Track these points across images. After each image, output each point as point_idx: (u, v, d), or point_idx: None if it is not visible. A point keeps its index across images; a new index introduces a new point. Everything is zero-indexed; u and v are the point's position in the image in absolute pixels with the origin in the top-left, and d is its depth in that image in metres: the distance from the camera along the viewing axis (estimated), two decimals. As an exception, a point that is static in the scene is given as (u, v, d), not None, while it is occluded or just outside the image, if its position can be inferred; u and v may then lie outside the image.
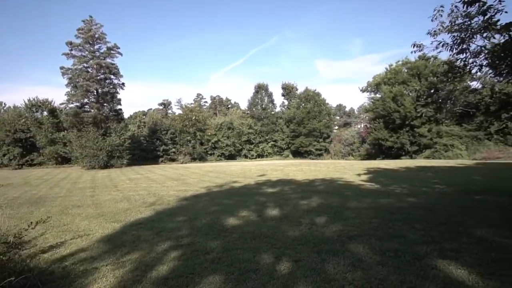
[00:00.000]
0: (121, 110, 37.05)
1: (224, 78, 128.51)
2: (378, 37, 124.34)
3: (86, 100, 33.85)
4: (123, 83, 35.41)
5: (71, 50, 32.46)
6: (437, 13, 7.02)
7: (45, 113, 40.74)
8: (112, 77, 34.42)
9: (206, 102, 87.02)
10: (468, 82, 15.66)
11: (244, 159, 48.69)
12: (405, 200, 7.39)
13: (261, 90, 55.17)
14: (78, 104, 33.79)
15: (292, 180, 12.87)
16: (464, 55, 7.00)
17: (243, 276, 3.20)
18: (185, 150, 44.87)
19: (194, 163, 40.35)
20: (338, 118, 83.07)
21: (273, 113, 54.88)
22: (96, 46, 33.44)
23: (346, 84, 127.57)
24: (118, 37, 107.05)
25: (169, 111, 72.59)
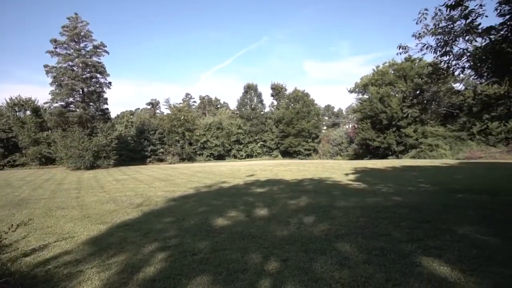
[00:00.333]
0: (107, 109, 36.39)
1: (213, 78, 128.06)
2: (366, 38, 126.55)
3: (71, 99, 33.08)
4: (110, 82, 34.80)
5: (56, 48, 31.62)
6: (421, 16, 7.17)
7: (28, 112, 39.53)
8: (98, 76, 33.74)
9: (195, 102, 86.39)
10: (451, 84, 16.09)
11: (233, 159, 48.57)
12: (391, 199, 7.53)
13: (250, 90, 55.15)
14: (63, 103, 33.01)
15: (281, 180, 12.93)
16: (447, 57, 7.17)
17: (231, 276, 3.20)
18: (173, 150, 44.41)
19: (182, 164, 39.99)
20: (326, 118, 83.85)
21: (262, 113, 54.92)
22: (81, 44, 32.67)
23: (335, 84, 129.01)
24: (105, 35, 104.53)
25: (157, 111, 71.75)
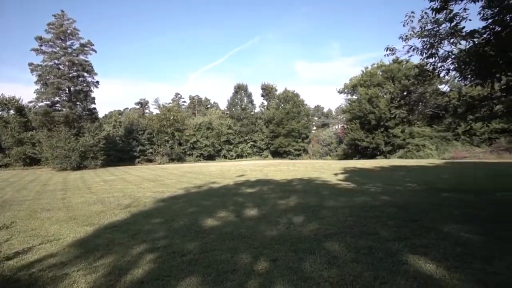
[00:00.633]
0: (95, 109, 35.77)
1: (203, 78, 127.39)
2: (355, 40, 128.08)
3: (57, 98, 32.38)
4: (98, 81, 34.26)
5: (41, 46, 30.92)
6: (408, 18, 7.32)
7: (11, 111, 38.46)
8: (85, 74, 33.14)
9: (184, 101, 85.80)
10: (437, 85, 16.51)
11: (223, 160, 48.40)
12: (379, 198, 7.65)
13: (240, 90, 55.08)
14: (48, 102, 32.33)
15: (271, 180, 12.96)
16: (433, 60, 7.32)
17: (221, 277, 3.19)
18: (162, 150, 43.92)
19: (172, 164, 39.61)
20: (316, 119, 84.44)
21: (252, 113, 54.93)
22: (68, 42, 32.04)
23: (324, 85, 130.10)
24: (93, 33, 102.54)
25: (146, 111, 70.93)
